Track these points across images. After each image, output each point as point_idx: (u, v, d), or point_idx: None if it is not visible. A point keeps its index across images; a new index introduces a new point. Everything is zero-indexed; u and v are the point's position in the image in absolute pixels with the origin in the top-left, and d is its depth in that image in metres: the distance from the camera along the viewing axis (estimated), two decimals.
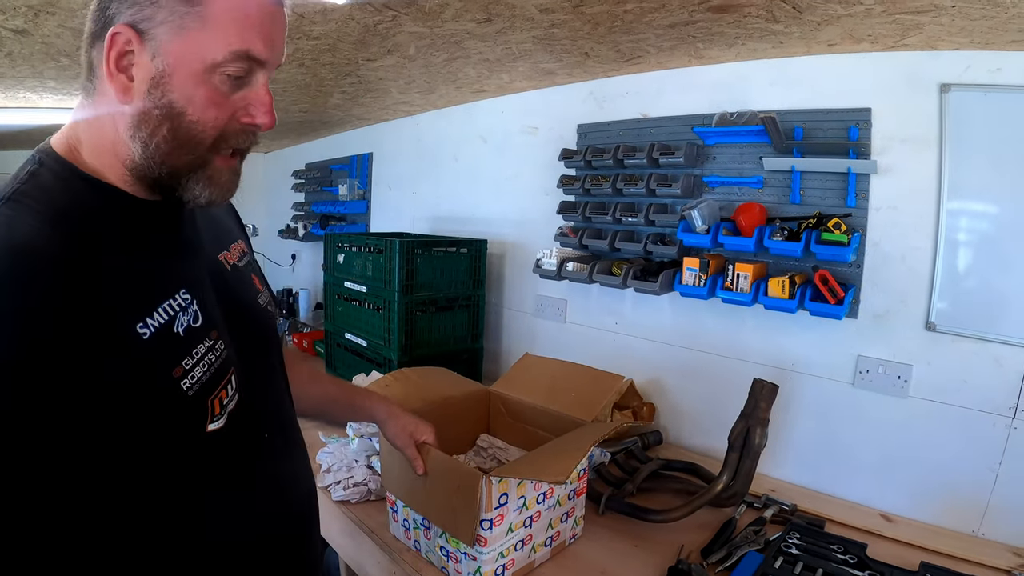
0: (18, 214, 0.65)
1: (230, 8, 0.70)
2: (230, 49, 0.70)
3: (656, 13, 1.65)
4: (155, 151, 0.72)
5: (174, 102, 0.70)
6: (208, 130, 0.73)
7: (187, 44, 0.69)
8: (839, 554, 1.44)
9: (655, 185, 2.13)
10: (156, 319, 0.70)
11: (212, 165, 0.76)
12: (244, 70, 0.73)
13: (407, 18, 1.78)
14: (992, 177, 1.62)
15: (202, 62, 0.70)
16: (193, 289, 0.77)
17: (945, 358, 1.70)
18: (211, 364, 0.76)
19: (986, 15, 1.39)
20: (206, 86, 0.71)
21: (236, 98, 0.74)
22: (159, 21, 0.68)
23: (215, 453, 0.78)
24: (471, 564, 1.26)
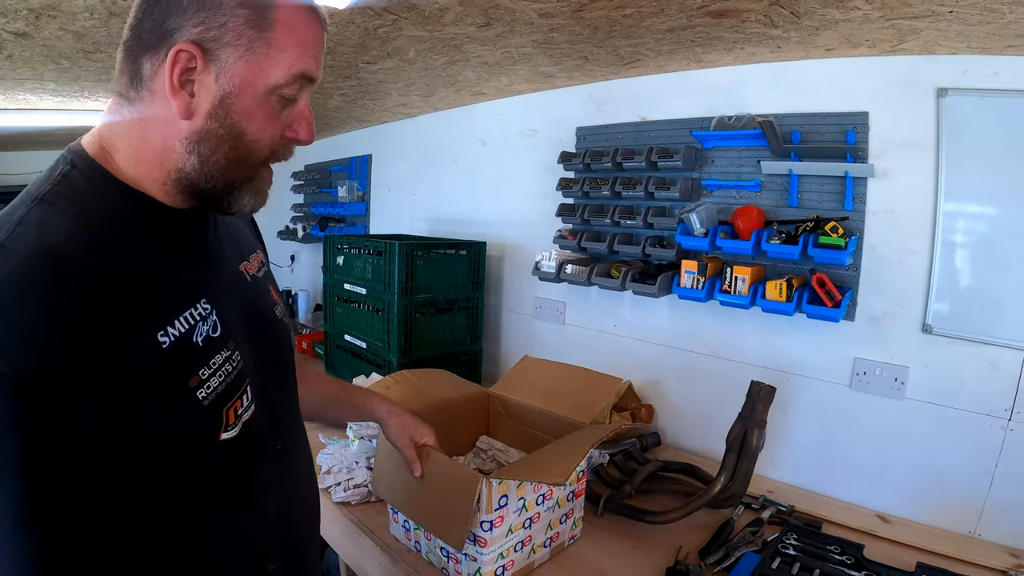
0: (50, 216, 0.66)
1: (293, 33, 0.73)
2: (291, 72, 0.73)
3: (655, 18, 1.66)
4: (214, 166, 0.74)
5: (236, 123, 0.73)
6: (264, 148, 0.77)
7: (252, 67, 0.71)
8: (836, 555, 1.45)
9: (654, 188, 2.14)
10: (176, 328, 0.72)
11: (260, 176, 0.79)
12: (294, 90, 0.75)
13: (407, 22, 1.79)
14: (989, 181, 1.63)
15: (266, 85, 0.72)
16: (213, 299, 0.79)
17: (941, 360, 1.71)
18: (227, 375, 0.77)
19: (983, 20, 1.40)
20: (266, 107, 0.74)
21: (284, 115, 0.77)
22: (226, 43, 0.70)
23: (228, 460, 0.79)
24: (471, 565, 1.27)
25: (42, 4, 1.58)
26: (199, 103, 0.71)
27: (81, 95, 2.71)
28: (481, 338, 2.87)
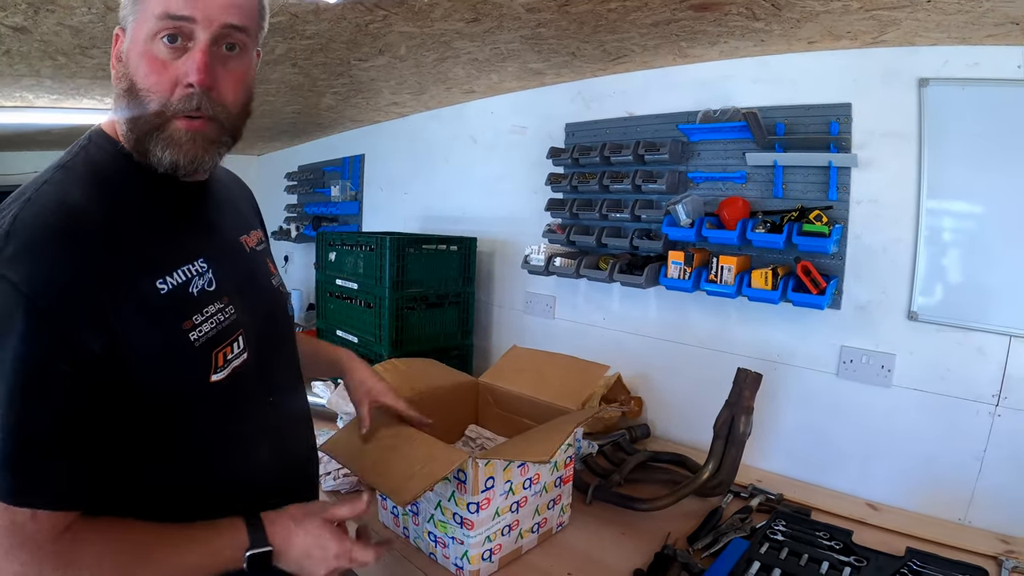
0: (68, 178, 0.78)
1: None
2: (155, 14, 0.78)
3: (639, 12, 1.68)
4: (124, 122, 0.83)
5: (130, 75, 0.82)
6: (154, 96, 0.81)
7: (136, 26, 0.80)
8: (824, 540, 1.46)
9: (641, 181, 2.16)
10: (175, 278, 0.83)
11: (170, 128, 0.82)
12: (174, 29, 0.79)
13: (397, 18, 1.81)
14: (971, 169, 1.65)
15: (142, 35, 0.80)
16: (210, 260, 0.89)
17: (928, 348, 1.72)
18: (219, 323, 0.87)
19: (961, 9, 1.43)
20: (147, 57, 0.80)
21: (178, 64, 0.81)
22: (127, 15, 0.82)
23: (221, 402, 0.88)
24: (458, 548, 1.28)
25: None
26: (118, 67, 0.83)
27: (77, 93, 2.72)
28: (472, 333, 2.89)
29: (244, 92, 0.89)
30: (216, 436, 0.89)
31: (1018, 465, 1.59)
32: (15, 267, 0.69)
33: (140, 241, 0.80)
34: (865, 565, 1.36)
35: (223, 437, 0.90)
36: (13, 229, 0.71)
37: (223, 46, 0.83)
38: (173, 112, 0.81)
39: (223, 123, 0.86)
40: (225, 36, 0.82)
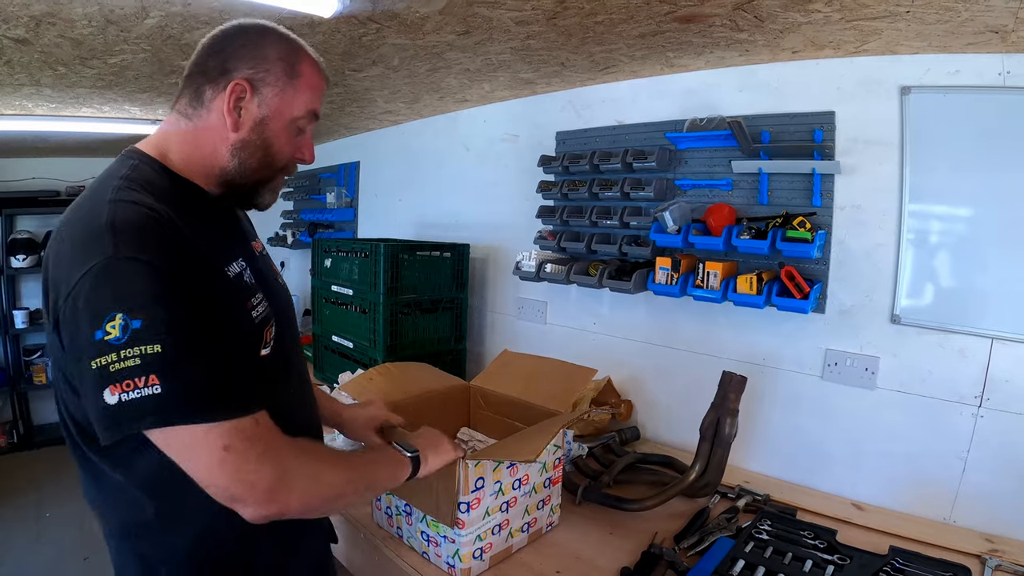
0: (135, 186, 0.92)
1: (310, 82, 1.04)
2: (307, 108, 1.04)
3: (626, 24, 1.72)
4: (248, 167, 1.03)
5: (268, 138, 1.02)
6: (283, 159, 1.06)
7: (283, 101, 1.02)
8: (809, 539, 1.49)
9: (629, 189, 2.20)
10: (233, 268, 1.01)
11: (276, 180, 1.09)
12: (306, 123, 1.06)
13: (390, 30, 1.84)
14: (952, 175, 1.68)
15: (291, 115, 1.03)
16: (245, 259, 1.06)
17: (911, 350, 1.76)
18: (264, 309, 1.03)
19: (940, 19, 1.46)
20: (288, 131, 1.04)
21: (296, 141, 1.07)
22: (268, 83, 1.00)
23: (266, 374, 1.02)
24: (450, 547, 1.31)
25: (43, 11, 1.63)
26: (244, 121, 1.00)
27: (76, 101, 2.75)
28: (465, 338, 2.91)
29: None
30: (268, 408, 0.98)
31: (1001, 465, 1.62)
32: (135, 250, 0.82)
33: (201, 239, 0.94)
34: (848, 563, 1.39)
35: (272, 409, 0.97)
36: (116, 225, 0.84)
37: None
38: (282, 170, 1.08)
39: None
40: None
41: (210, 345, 0.85)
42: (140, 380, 0.78)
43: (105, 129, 3.33)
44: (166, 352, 0.80)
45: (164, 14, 1.68)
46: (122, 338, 0.79)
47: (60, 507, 3.77)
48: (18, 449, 4.66)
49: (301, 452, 0.92)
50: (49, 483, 4.10)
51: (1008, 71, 1.58)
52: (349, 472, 1.01)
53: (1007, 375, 1.62)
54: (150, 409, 0.79)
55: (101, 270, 0.81)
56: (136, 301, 0.80)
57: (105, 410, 0.79)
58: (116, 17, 1.69)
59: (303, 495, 0.90)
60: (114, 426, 0.80)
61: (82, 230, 0.86)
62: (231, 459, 0.83)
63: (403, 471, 1.14)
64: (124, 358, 0.79)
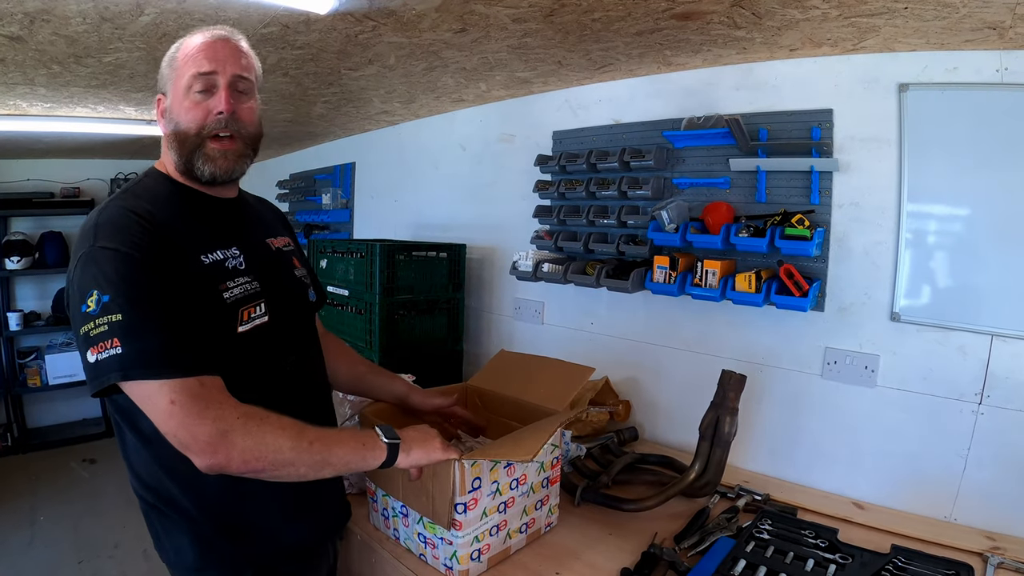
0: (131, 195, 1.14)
1: (187, 53, 1.15)
2: (189, 74, 1.14)
3: (623, 22, 1.71)
4: (175, 150, 1.18)
5: (174, 119, 1.17)
6: (191, 125, 1.15)
7: (175, 86, 1.17)
8: (810, 539, 1.47)
9: (626, 188, 2.19)
10: (215, 255, 1.15)
11: (206, 147, 1.17)
12: (204, 83, 1.15)
13: (387, 28, 1.84)
14: (951, 171, 1.68)
15: (180, 90, 1.16)
16: (243, 248, 1.21)
17: (910, 348, 1.75)
18: (246, 290, 1.16)
19: (938, 15, 1.46)
20: (184, 103, 1.15)
21: (209, 102, 1.16)
22: (166, 83, 1.19)
23: (247, 350, 1.15)
24: (447, 549, 1.29)
25: (37, 8, 1.62)
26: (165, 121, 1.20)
27: (71, 101, 2.74)
28: (462, 338, 2.90)
29: (256, 118, 1.25)
30: (245, 380, 1.09)
31: (1002, 462, 1.62)
32: (113, 241, 1.01)
33: (188, 231, 1.13)
34: (850, 562, 1.38)
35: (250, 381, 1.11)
36: (99, 223, 1.05)
37: (236, 89, 1.18)
38: (208, 134, 1.16)
39: (246, 140, 1.22)
40: (236, 82, 1.17)
41: (167, 317, 1.00)
42: (108, 343, 0.96)
43: (100, 130, 3.32)
44: (125, 320, 0.96)
45: (159, 11, 1.67)
46: (96, 310, 0.97)
47: (54, 511, 3.75)
48: (12, 452, 4.63)
49: (246, 415, 1.01)
50: (43, 487, 4.08)
51: (1006, 68, 1.58)
52: (298, 441, 1.04)
53: (1007, 372, 1.61)
54: (115, 366, 0.95)
55: (84, 258, 1.02)
56: (107, 280, 0.99)
57: (88, 368, 0.97)
58: (111, 14, 1.67)
59: (244, 452, 0.99)
60: (94, 379, 0.97)
61: (81, 230, 1.08)
62: (176, 411, 0.96)
63: (375, 455, 1.14)
64: (98, 325, 0.96)
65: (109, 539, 3.42)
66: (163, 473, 1.13)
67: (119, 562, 3.22)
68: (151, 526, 1.20)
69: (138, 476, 1.17)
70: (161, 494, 1.15)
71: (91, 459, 4.55)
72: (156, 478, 1.14)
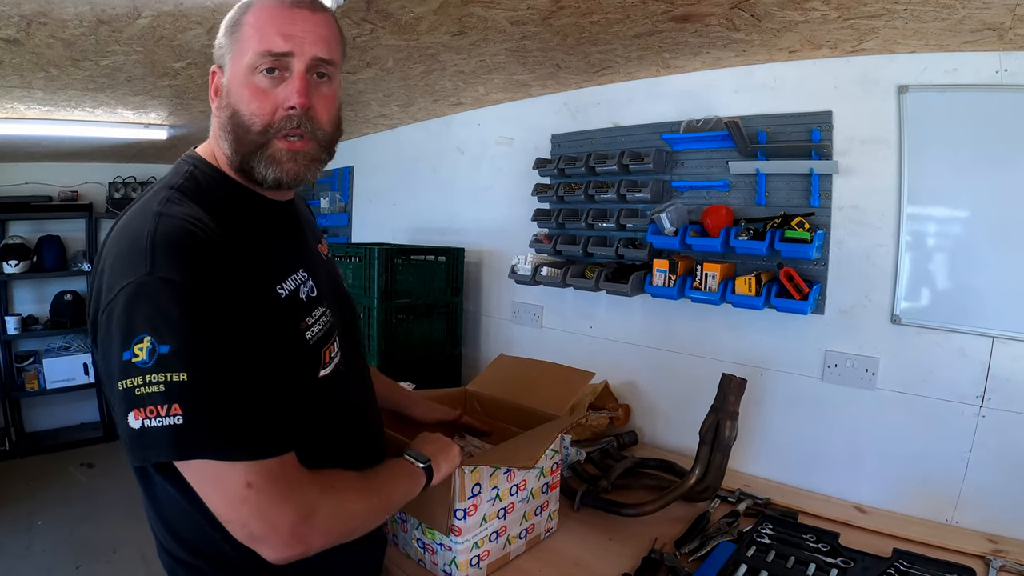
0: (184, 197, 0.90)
1: (253, 26, 0.92)
2: (255, 51, 0.91)
3: (622, 24, 1.71)
4: (231, 144, 0.95)
5: (231, 104, 0.94)
6: (255, 118, 0.92)
7: (234, 62, 0.93)
8: (811, 543, 1.47)
9: (626, 191, 2.19)
10: (288, 285, 0.95)
11: (272, 147, 0.94)
12: (274, 63, 0.92)
13: (384, 31, 1.83)
14: (951, 173, 1.68)
15: (242, 68, 0.92)
16: (308, 269, 1.02)
17: (911, 350, 1.74)
18: (324, 325, 0.99)
19: (937, 17, 1.45)
20: (247, 87, 0.92)
21: (278, 92, 0.93)
22: (224, 54, 0.95)
23: (324, 394, 1.00)
24: (446, 555, 1.28)
25: (34, 11, 1.61)
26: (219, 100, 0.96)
27: (68, 104, 2.73)
28: (461, 342, 2.90)
29: (335, 113, 1.01)
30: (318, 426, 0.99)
31: (1004, 465, 1.61)
32: (171, 270, 0.79)
33: (255, 252, 0.91)
34: (852, 566, 1.37)
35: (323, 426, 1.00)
36: (156, 241, 0.81)
37: (314, 75, 0.95)
38: (275, 133, 0.93)
39: (320, 141, 0.97)
40: (316, 66, 0.94)
41: (242, 376, 0.81)
42: (163, 408, 0.75)
43: (97, 133, 3.31)
44: (192, 381, 0.76)
45: (156, 14, 1.66)
46: (148, 362, 0.76)
47: (52, 515, 3.74)
48: (10, 456, 4.61)
49: (325, 487, 0.88)
50: (41, 491, 4.06)
51: (1006, 69, 1.57)
52: (371, 498, 0.96)
53: (1008, 374, 1.60)
54: (170, 440, 0.75)
55: (136, 289, 0.78)
56: (167, 324, 0.77)
57: (129, 434, 0.77)
58: (108, 17, 1.67)
59: (327, 531, 0.86)
60: (137, 451, 0.77)
61: (126, 243, 0.84)
62: (252, 497, 0.79)
63: (418, 483, 1.08)
64: (149, 383, 0.75)
65: (107, 544, 3.40)
66: (216, 532, 0.85)
67: (117, 567, 3.21)
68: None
69: (176, 535, 0.96)
70: (210, 554, 0.95)
71: (89, 463, 4.52)
72: (206, 538, 0.92)
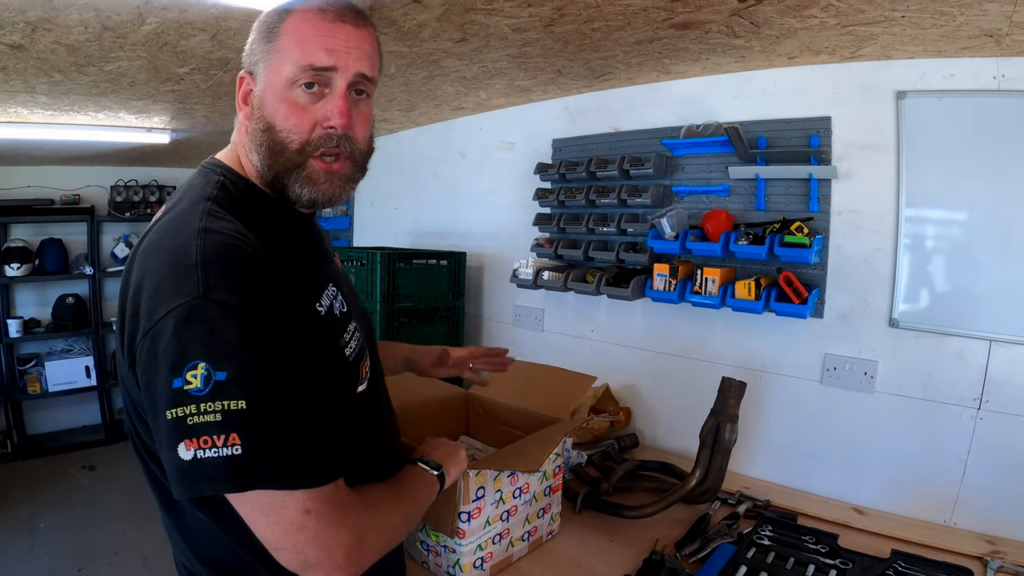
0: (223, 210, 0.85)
1: (294, 35, 0.87)
2: (297, 66, 0.86)
3: (622, 31, 1.72)
4: (264, 158, 0.90)
5: (266, 117, 0.88)
6: (293, 135, 0.88)
7: (270, 72, 0.88)
8: (811, 544, 1.49)
9: (626, 195, 2.20)
10: (323, 302, 0.92)
11: (308, 167, 0.90)
12: (314, 78, 0.87)
13: (387, 37, 1.84)
14: (948, 178, 1.69)
15: (280, 81, 0.87)
16: (336, 285, 0.98)
17: (909, 353, 1.76)
18: (358, 341, 0.97)
19: (935, 23, 1.47)
20: (285, 101, 0.87)
21: (317, 108, 0.88)
22: (257, 61, 0.89)
23: (363, 411, 1.00)
24: (451, 556, 1.30)
25: (39, 17, 1.61)
26: (251, 111, 0.91)
27: (72, 109, 2.74)
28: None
29: (370, 131, 0.98)
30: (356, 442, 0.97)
31: (1002, 467, 1.63)
32: (226, 292, 0.74)
33: (294, 269, 0.88)
34: (850, 567, 1.39)
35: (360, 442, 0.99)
36: (207, 259, 0.76)
37: (353, 91, 0.90)
38: (312, 151, 0.89)
39: (356, 161, 0.94)
40: (357, 83, 0.89)
41: (297, 400, 0.78)
42: (219, 438, 0.71)
43: (100, 137, 3.32)
44: (252, 409, 0.72)
45: (160, 20, 1.67)
46: (204, 389, 0.71)
47: (54, 518, 3.74)
48: (12, 459, 4.61)
49: (371, 507, 0.87)
50: (43, 494, 4.07)
51: (1003, 74, 1.59)
52: (404, 510, 0.96)
53: (1006, 377, 1.62)
54: (228, 471, 0.71)
55: (187, 312, 0.73)
56: (223, 350, 0.72)
57: (178, 465, 0.72)
58: (113, 23, 1.68)
59: (376, 550, 0.86)
60: (188, 483, 0.72)
61: (169, 261, 0.78)
62: (311, 524, 0.76)
63: (435, 490, 1.08)
64: (204, 411, 0.71)
65: (109, 546, 3.41)
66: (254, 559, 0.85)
67: (119, 569, 3.21)
68: None
69: (203, 558, 0.92)
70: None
71: (91, 466, 4.53)
72: (238, 560, 0.88)
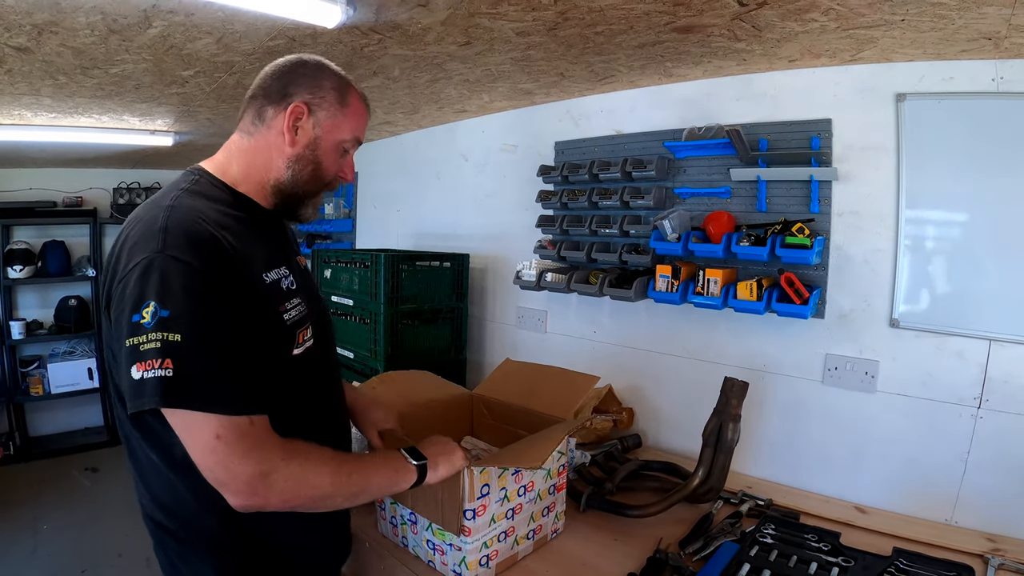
0: (194, 197, 1.07)
1: (356, 112, 1.20)
2: (353, 134, 1.20)
3: (625, 35, 1.74)
4: (299, 179, 1.17)
5: (318, 155, 1.17)
6: (328, 175, 1.20)
7: (334, 125, 1.17)
8: (813, 542, 1.50)
9: (628, 197, 2.21)
10: (272, 275, 1.11)
11: (319, 197, 1.24)
12: (350, 146, 1.21)
13: (392, 41, 1.86)
14: (948, 179, 1.71)
15: (339, 138, 1.18)
16: (289, 268, 1.17)
17: (910, 353, 1.77)
18: (299, 313, 1.14)
19: (934, 27, 1.49)
20: (335, 151, 1.19)
21: (341, 161, 1.22)
22: (323, 108, 1.15)
23: (297, 373, 1.14)
24: (456, 555, 1.31)
25: (45, 20, 1.63)
26: (299, 139, 1.15)
27: (75, 111, 2.75)
28: (466, 347, 2.93)
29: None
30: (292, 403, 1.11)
31: (1002, 465, 1.64)
32: (184, 252, 0.95)
33: (248, 245, 1.07)
34: (852, 565, 1.40)
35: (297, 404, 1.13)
36: (168, 227, 0.97)
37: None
38: (325, 188, 1.22)
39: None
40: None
41: (227, 344, 0.96)
42: (157, 362, 0.89)
43: (103, 139, 3.33)
44: (183, 342, 0.90)
45: (167, 24, 1.69)
46: (151, 323, 0.90)
47: (57, 519, 3.75)
48: (14, 461, 4.62)
49: (289, 454, 0.99)
50: (46, 495, 4.07)
51: (1002, 77, 1.61)
52: (337, 476, 1.05)
53: (1006, 376, 1.63)
54: (160, 390, 0.89)
55: (148, 263, 0.93)
56: (169, 293, 0.92)
57: (130, 383, 0.90)
58: (119, 26, 1.70)
59: (283, 492, 0.97)
60: (134, 399, 0.90)
61: (140, 230, 0.99)
62: (220, 448, 0.92)
63: (406, 478, 1.18)
64: (149, 340, 0.90)
65: (112, 548, 3.41)
66: (196, 501, 1.05)
67: (122, 571, 3.22)
68: (165, 552, 1.13)
69: (158, 502, 1.09)
70: (188, 522, 1.08)
71: (93, 468, 4.54)
72: (185, 506, 1.07)
